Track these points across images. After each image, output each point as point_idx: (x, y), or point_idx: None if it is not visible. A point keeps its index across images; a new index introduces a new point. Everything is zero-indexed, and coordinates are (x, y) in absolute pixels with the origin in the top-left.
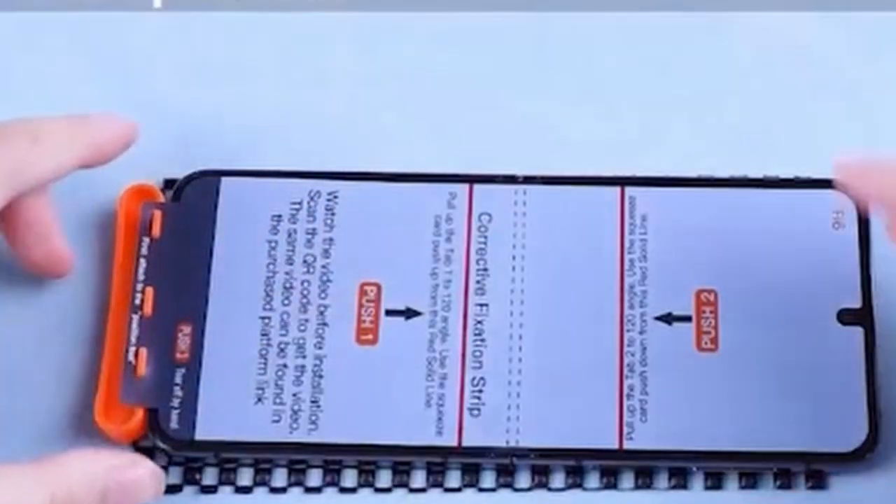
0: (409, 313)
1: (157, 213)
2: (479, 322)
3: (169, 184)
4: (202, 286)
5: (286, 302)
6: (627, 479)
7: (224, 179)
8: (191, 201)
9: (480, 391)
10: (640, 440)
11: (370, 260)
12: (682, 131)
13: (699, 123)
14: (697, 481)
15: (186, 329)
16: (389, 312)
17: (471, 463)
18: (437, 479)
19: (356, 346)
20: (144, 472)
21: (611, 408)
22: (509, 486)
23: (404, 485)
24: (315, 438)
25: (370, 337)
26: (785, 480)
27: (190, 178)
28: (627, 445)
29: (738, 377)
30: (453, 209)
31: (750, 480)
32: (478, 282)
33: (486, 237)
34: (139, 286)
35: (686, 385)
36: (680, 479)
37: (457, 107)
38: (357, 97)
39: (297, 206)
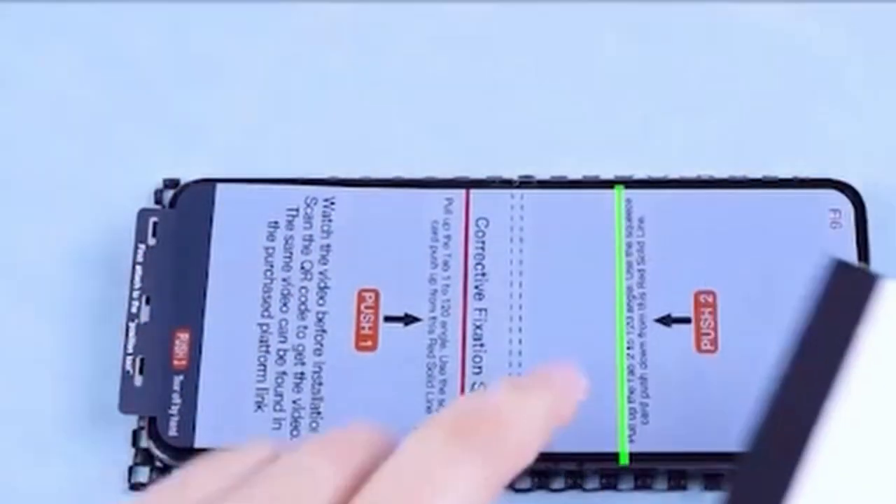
0: (408, 319)
1: (153, 221)
2: (479, 327)
3: (168, 184)
4: (199, 293)
5: (284, 309)
6: (627, 480)
7: (220, 186)
8: (187, 209)
9: None
10: (642, 443)
11: (368, 266)
12: (679, 132)
13: (697, 124)
14: (697, 482)
15: (184, 336)
16: (388, 319)
17: None
18: None
19: (355, 353)
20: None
21: (612, 411)
22: (509, 486)
23: None
24: None
25: (369, 343)
26: None
27: (185, 186)
28: (629, 448)
29: (738, 378)
30: (450, 214)
31: None
32: (476, 287)
33: (483, 242)
34: (135, 294)
35: (687, 387)
36: (679, 480)
37: (453, 109)
38: (354, 99)
39: (293, 213)
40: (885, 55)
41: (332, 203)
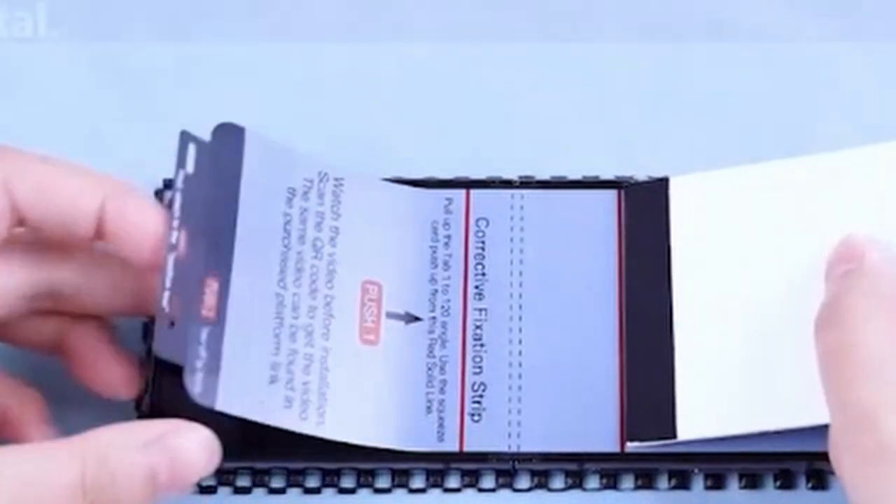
0: (409, 318)
1: (192, 148)
2: (479, 327)
3: (168, 184)
4: (228, 242)
5: (297, 283)
6: (628, 480)
7: (248, 134)
8: (221, 145)
9: (481, 396)
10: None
11: (372, 258)
12: (679, 132)
13: (697, 124)
14: (698, 481)
15: (213, 285)
16: (390, 315)
17: (472, 468)
18: (437, 480)
19: (359, 345)
20: (195, 440)
21: (612, 411)
22: (509, 486)
23: (404, 486)
24: (323, 432)
25: (372, 337)
26: (785, 480)
27: (220, 126)
28: (629, 448)
29: None
30: (450, 214)
31: (751, 480)
32: (476, 287)
33: (483, 242)
34: (175, 223)
35: None
36: (680, 480)
37: (454, 109)
38: (354, 99)
39: (308, 184)
40: (885, 55)
41: (341, 184)
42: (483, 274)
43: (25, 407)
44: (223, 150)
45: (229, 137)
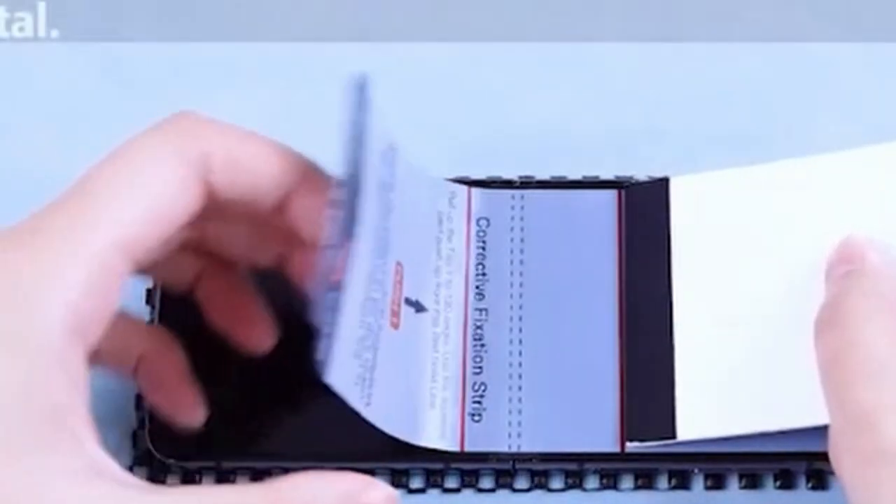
0: (419, 307)
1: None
2: (479, 327)
3: None
4: (355, 204)
5: (374, 254)
6: (628, 480)
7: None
8: (358, 100)
9: (481, 396)
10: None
11: (401, 238)
12: (679, 132)
13: (697, 124)
14: (698, 481)
15: (346, 247)
16: (407, 301)
17: (472, 468)
18: (437, 480)
19: (389, 327)
20: (380, 497)
21: (612, 411)
22: (509, 486)
23: (404, 486)
24: (368, 414)
25: (396, 320)
26: (785, 480)
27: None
28: (629, 448)
29: None
30: (454, 209)
31: (751, 480)
32: (477, 287)
33: (484, 242)
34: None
35: None
36: (680, 480)
37: (454, 109)
38: None
39: (386, 151)
40: (885, 55)
41: (395, 154)
42: (483, 274)
43: (166, 357)
44: (359, 105)
45: (361, 92)
